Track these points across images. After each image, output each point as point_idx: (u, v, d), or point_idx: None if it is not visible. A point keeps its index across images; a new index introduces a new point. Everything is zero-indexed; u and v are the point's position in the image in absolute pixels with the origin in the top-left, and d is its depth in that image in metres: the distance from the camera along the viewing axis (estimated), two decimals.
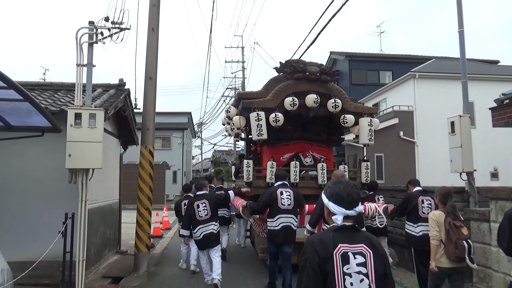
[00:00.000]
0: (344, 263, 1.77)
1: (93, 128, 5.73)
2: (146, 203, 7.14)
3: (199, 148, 44.80)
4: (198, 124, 40.77)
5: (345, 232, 1.86)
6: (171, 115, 33.20)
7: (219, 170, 38.29)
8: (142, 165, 7.20)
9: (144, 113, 7.39)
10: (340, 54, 23.48)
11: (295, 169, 6.62)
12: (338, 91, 6.86)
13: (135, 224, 7.20)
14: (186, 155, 33.78)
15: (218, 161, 46.34)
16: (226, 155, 52.66)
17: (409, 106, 16.12)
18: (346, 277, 1.76)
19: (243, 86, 32.09)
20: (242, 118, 6.74)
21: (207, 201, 6.04)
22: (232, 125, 7.59)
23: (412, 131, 15.94)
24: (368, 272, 1.78)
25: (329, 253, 1.78)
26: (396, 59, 22.75)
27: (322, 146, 7.53)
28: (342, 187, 1.91)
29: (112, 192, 8.31)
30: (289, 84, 6.63)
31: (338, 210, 1.88)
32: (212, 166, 51.13)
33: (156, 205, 21.23)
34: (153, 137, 7.43)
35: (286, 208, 5.46)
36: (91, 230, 6.67)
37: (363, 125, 6.80)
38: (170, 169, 27.05)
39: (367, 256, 1.81)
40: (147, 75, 7.40)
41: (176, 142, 31.22)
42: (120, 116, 8.37)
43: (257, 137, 6.33)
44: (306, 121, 7.16)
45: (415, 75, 15.97)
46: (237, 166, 9.25)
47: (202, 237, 5.89)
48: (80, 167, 5.70)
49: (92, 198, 6.75)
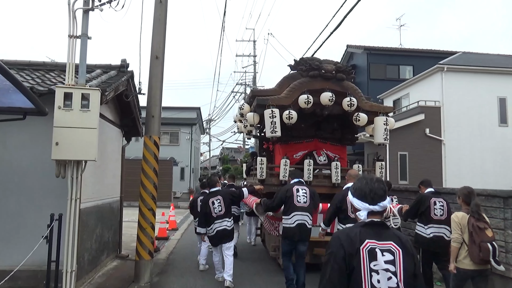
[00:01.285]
0: (371, 259, 1.73)
1: (86, 112, 4.73)
2: (150, 203, 6.13)
3: (207, 145, 43.93)
4: (206, 121, 39.96)
5: (373, 228, 1.81)
6: (180, 110, 32.37)
7: (227, 167, 37.49)
8: (146, 158, 6.19)
9: (149, 97, 6.37)
10: (357, 47, 22.30)
11: (309, 167, 6.53)
12: (353, 89, 6.74)
13: (137, 227, 6.19)
14: (195, 151, 32.89)
15: (227, 158, 45.68)
16: (235, 152, 51.85)
17: (436, 102, 14.93)
18: (373, 273, 1.71)
19: (254, 81, 31.11)
20: (256, 115, 6.68)
21: (221, 197, 6.00)
22: (245, 122, 7.43)
23: (438, 128, 14.77)
24: (397, 270, 1.73)
25: (355, 248, 1.74)
26: (417, 53, 21.53)
27: (336, 145, 7.45)
28: (365, 183, 1.89)
29: (112, 189, 7.32)
30: (304, 82, 6.55)
31: (361, 206, 1.87)
32: (220, 163, 50.54)
33: (162, 203, 20.45)
34: (159, 126, 6.41)
35: (302, 205, 5.37)
36: (85, 233, 5.69)
37: (379, 124, 6.70)
38: (177, 165, 26.15)
39: (396, 254, 1.75)
40: (153, 54, 6.38)
41: (185, 137, 30.34)
42: (123, 103, 7.37)
43: (271, 134, 6.24)
44: (320, 119, 7.08)
45: (443, 68, 14.78)
46: (249, 164, 9.10)
47: (215, 233, 5.86)
48: (70, 158, 4.70)
49: (87, 196, 5.78)
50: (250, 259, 8.00)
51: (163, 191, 20.79)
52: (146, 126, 6.34)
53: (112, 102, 7.28)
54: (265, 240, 8.35)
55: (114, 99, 7.36)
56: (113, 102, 7.31)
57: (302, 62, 6.84)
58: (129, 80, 6.84)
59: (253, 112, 6.79)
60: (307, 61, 6.77)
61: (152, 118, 6.30)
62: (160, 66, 6.42)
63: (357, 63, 22.88)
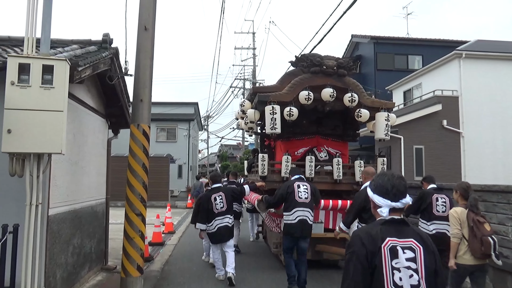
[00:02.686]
0: (393, 257, 1.71)
1: (49, 89, 3.59)
2: (138, 207, 4.99)
3: (205, 142, 42.79)
4: (204, 118, 38.87)
5: (393, 226, 1.79)
6: (177, 105, 31.29)
7: (226, 165, 36.56)
8: (133, 151, 5.04)
9: (136, 77, 5.22)
10: (363, 37, 21.18)
11: (311, 164, 6.54)
12: (355, 85, 6.69)
13: (123, 236, 5.04)
14: (192, 148, 31.78)
15: (225, 155, 44.85)
16: (234, 149, 50.95)
17: (454, 91, 13.82)
18: (395, 271, 1.70)
19: (253, 75, 29.92)
20: (257, 111, 6.68)
21: (223, 193, 5.96)
22: (246, 118, 7.42)
23: (456, 119, 13.67)
24: (418, 268, 1.71)
25: (377, 246, 1.72)
26: (427, 42, 20.44)
27: (337, 141, 7.43)
28: (387, 179, 1.86)
29: (96, 190, 6.16)
30: (305, 78, 6.52)
31: (383, 203, 1.83)
32: (218, 160, 49.71)
33: (159, 202, 19.34)
34: (149, 112, 5.25)
35: (303, 201, 5.38)
36: (56, 245, 4.55)
37: (380, 120, 6.65)
38: (175, 162, 25.00)
39: (417, 252, 1.74)
40: (141, 24, 5.22)
41: (182, 134, 29.22)
42: (107, 87, 6.22)
43: (271, 131, 6.21)
44: (321, 115, 7.08)
45: (461, 55, 13.66)
46: (250, 161, 9.04)
47: (217, 229, 5.80)
48: (28, 151, 3.56)
49: (60, 199, 4.64)
50: (252, 255, 7.91)
51: (160, 190, 19.67)
52: (133, 113, 5.18)
53: (94, 87, 6.12)
54: (267, 237, 8.28)
55: (97, 82, 6.22)
56: (95, 86, 6.16)
57: (303, 58, 6.81)
58: (113, 58, 5.67)
59: (254, 108, 6.76)
60: (308, 57, 6.75)
61: (141, 102, 5.14)
62: (150, 40, 5.25)
63: (363, 53, 21.78)
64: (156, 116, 28.84)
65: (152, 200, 19.22)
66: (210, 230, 5.87)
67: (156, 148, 25.98)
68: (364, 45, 21.55)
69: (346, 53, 23.52)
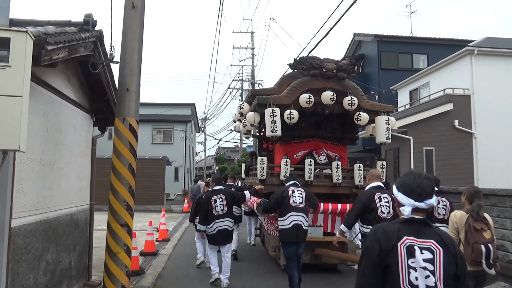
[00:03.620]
0: (409, 256, 1.68)
1: (3, 68, 2.81)
2: (124, 216, 4.20)
3: (202, 144, 42.03)
4: (202, 120, 38.15)
5: (413, 225, 1.76)
6: (173, 106, 30.50)
7: (223, 167, 35.87)
8: (117, 150, 4.26)
9: (122, 63, 4.45)
10: (367, 35, 20.47)
11: (310, 167, 6.51)
12: (354, 88, 6.70)
13: (105, 250, 4.25)
14: (189, 150, 30.96)
15: (223, 158, 44.19)
16: (231, 152, 50.25)
17: (465, 89, 13.09)
18: (411, 270, 1.67)
19: (252, 76, 29.22)
20: (257, 114, 6.63)
21: (224, 196, 5.91)
22: (245, 121, 7.38)
23: (468, 119, 12.94)
24: (436, 270, 1.67)
25: (391, 244, 1.70)
26: (432, 41, 19.77)
27: (336, 144, 7.40)
28: (413, 178, 1.84)
29: (76, 195, 5.36)
30: (305, 81, 6.51)
31: (406, 202, 1.81)
32: (216, 163, 49.02)
33: (154, 206, 18.50)
34: (137, 104, 4.47)
35: (297, 206, 5.32)
36: (23, 263, 3.75)
37: (380, 123, 6.64)
38: (171, 165, 24.20)
39: (436, 253, 1.69)
40: (129, 0, 4.44)
41: (179, 135, 28.39)
42: (91, 78, 5.45)
43: (271, 134, 6.20)
44: (320, 118, 7.09)
45: (473, 51, 12.94)
46: (248, 164, 9.00)
47: (216, 232, 5.77)
48: None
49: (27, 207, 3.85)
50: (250, 259, 7.85)
51: (155, 193, 18.86)
52: (119, 105, 4.41)
53: (76, 77, 5.34)
54: (265, 240, 8.25)
55: (79, 72, 5.44)
56: (77, 76, 5.37)
57: (302, 61, 6.78)
58: (96, 43, 4.87)
59: (253, 111, 6.71)
60: (307, 60, 6.72)
61: (127, 92, 4.37)
62: (139, 19, 4.49)
63: (366, 52, 21.08)
64: (152, 117, 28.10)
65: (146, 204, 18.44)
66: (209, 232, 5.83)
67: (152, 150, 25.20)
68: (367, 44, 20.86)
69: (348, 52, 22.84)
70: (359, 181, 6.61)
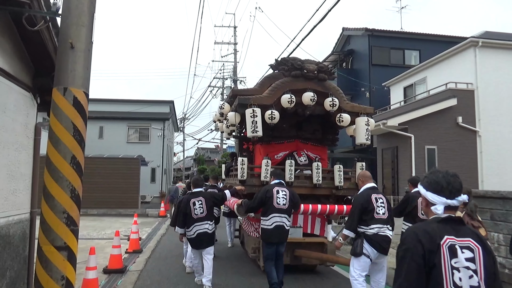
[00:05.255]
0: (452, 256, 1.63)
1: None
2: (62, 234, 2.78)
3: (180, 145, 40.37)
4: (180, 119, 36.55)
5: (450, 224, 1.73)
6: (150, 103, 28.96)
7: (203, 168, 34.47)
8: (55, 136, 2.86)
9: (65, 10, 3.03)
10: (357, 29, 19.48)
11: (291, 168, 6.49)
12: (335, 89, 6.76)
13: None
14: (167, 150, 29.36)
15: (202, 159, 42.89)
16: (211, 152, 48.96)
17: (468, 84, 12.12)
18: (454, 271, 1.62)
19: (234, 72, 27.88)
20: (237, 114, 6.66)
21: (203, 199, 5.79)
22: (226, 122, 7.39)
23: (472, 116, 11.97)
24: (477, 268, 1.63)
25: (435, 244, 1.65)
26: (425, 36, 18.96)
27: (316, 146, 7.40)
28: (441, 176, 1.80)
29: (6, 201, 3.89)
30: (286, 82, 6.55)
31: (438, 200, 1.77)
32: (195, 164, 47.60)
33: (127, 210, 16.80)
34: (88, 70, 3.07)
35: (280, 207, 5.31)
36: None
37: (360, 124, 6.65)
38: (147, 165, 22.58)
39: (476, 252, 1.66)
40: None
41: (156, 134, 26.75)
42: (33, 43, 4.03)
43: (252, 134, 6.16)
44: (301, 119, 7.10)
45: (477, 43, 12.00)
46: (228, 165, 9.03)
47: (196, 235, 5.66)
48: None
49: None
50: (229, 260, 7.76)
51: (129, 196, 17.24)
52: (58, 68, 2.99)
53: (10, 40, 3.90)
54: (244, 241, 8.23)
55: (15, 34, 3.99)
56: (12, 39, 3.94)
57: (284, 62, 6.79)
58: None
59: (234, 111, 6.73)
60: (288, 61, 6.74)
61: (71, 50, 2.96)
62: None
63: (356, 47, 20.11)
64: (128, 115, 26.41)
65: (119, 208, 16.80)
66: (189, 236, 5.74)
67: (127, 149, 23.58)
68: (357, 39, 19.89)
69: (336, 47, 21.83)
70: (339, 182, 6.61)
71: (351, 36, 20.46)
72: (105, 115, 26.07)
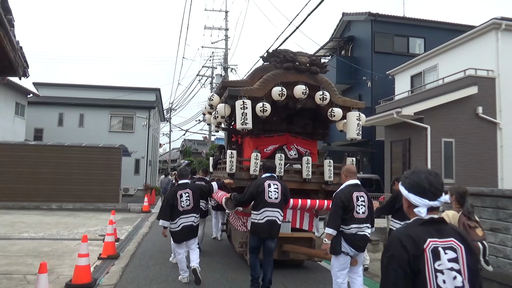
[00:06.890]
0: (435, 259, 1.61)
1: None
2: None
3: (167, 136, 38.71)
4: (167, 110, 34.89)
5: (433, 226, 1.70)
6: (135, 90, 27.37)
7: (190, 160, 32.95)
8: None
9: None
10: (358, 14, 18.25)
11: (280, 161, 6.43)
12: (327, 83, 6.65)
13: None
14: (153, 140, 27.83)
15: (189, 151, 41.46)
16: (198, 144, 47.61)
17: (489, 71, 10.96)
18: (438, 274, 1.60)
19: (225, 59, 26.41)
20: (227, 106, 6.64)
21: (190, 191, 5.79)
22: (215, 113, 7.40)
23: (493, 106, 10.88)
24: (461, 268, 1.62)
25: (420, 249, 1.62)
26: (430, 23, 17.85)
27: (307, 140, 7.32)
28: (424, 177, 1.75)
29: None
30: (278, 74, 6.49)
31: (421, 202, 1.72)
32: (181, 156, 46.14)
33: (107, 205, 15.28)
34: None
35: (272, 201, 5.28)
36: None
37: (351, 119, 6.58)
38: (130, 156, 21.14)
39: (459, 251, 1.64)
40: None
41: (141, 124, 25.23)
42: None
43: (241, 126, 6.15)
44: (292, 113, 7.04)
45: (499, 26, 10.88)
46: (216, 158, 8.87)
47: (181, 228, 5.64)
48: None
49: None
50: (215, 254, 7.67)
51: (108, 189, 15.81)
52: None
53: None
54: (231, 235, 8.25)
55: None
56: None
57: (276, 54, 6.76)
58: None
59: (224, 103, 6.73)
60: (280, 53, 6.68)
61: None
62: None
63: (357, 34, 18.91)
64: (110, 102, 24.82)
65: (97, 202, 15.35)
66: (173, 229, 5.67)
67: (109, 139, 22.12)
68: (358, 24, 18.68)
69: (336, 33, 20.61)
70: (329, 177, 6.55)
71: (351, 22, 19.28)
72: (86, 101, 24.35)
